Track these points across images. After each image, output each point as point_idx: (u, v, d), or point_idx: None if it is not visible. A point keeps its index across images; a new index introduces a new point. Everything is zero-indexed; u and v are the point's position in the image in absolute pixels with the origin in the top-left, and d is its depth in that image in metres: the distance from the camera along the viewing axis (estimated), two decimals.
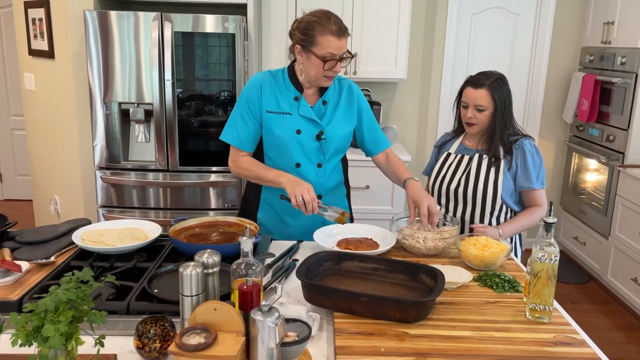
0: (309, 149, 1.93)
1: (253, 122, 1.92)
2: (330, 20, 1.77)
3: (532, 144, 2.03)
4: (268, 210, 2.04)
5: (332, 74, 1.83)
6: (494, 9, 4.11)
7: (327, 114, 1.94)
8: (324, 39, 1.76)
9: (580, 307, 3.50)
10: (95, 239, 1.71)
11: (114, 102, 3.14)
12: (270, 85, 1.92)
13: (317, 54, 1.78)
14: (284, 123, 1.90)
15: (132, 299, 1.37)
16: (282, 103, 1.91)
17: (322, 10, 1.81)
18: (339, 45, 1.77)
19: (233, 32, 3.07)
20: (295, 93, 1.92)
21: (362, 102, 2.02)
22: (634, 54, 3.38)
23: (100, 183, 3.24)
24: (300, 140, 1.91)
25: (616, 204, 3.54)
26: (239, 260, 1.19)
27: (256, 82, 1.93)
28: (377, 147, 2.07)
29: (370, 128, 2.04)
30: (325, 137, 1.92)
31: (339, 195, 2.08)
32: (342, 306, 1.37)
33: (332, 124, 1.94)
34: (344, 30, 1.79)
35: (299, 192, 1.74)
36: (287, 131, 1.90)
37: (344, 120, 1.97)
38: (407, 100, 4.15)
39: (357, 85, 2.04)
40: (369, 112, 2.04)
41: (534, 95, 4.23)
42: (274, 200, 2.00)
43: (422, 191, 1.85)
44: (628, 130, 3.45)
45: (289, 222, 2.01)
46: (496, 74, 2.02)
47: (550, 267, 1.38)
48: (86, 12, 3.03)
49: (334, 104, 1.97)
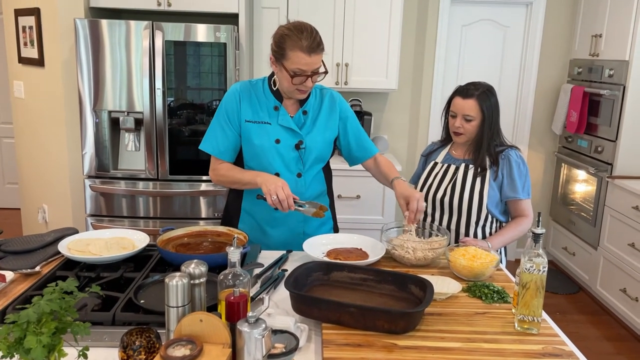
0: (288, 158, 1.92)
1: (232, 132, 1.92)
2: (302, 35, 1.73)
3: (518, 155, 2.04)
4: (249, 220, 2.03)
5: (303, 88, 1.81)
6: (484, 21, 4.15)
7: (307, 124, 1.94)
8: (293, 54, 1.73)
9: (569, 318, 3.51)
10: (82, 249, 1.69)
11: (104, 110, 3.12)
12: (249, 95, 1.92)
13: (287, 68, 1.77)
14: (263, 132, 1.90)
15: (118, 309, 1.35)
16: (261, 113, 1.91)
17: (298, 24, 1.77)
18: (309, 62, 1.74)
19: (225, 41, 3.08)
20: (274, 102, 1.91)
21: (346, 111, 2.01)
22: (622, 66, 3.42)
23: (89, 192, 3.21)
24: (280, 149, 1.90)
25: (605, 214, 3.56)
26: (226, 271, 1.18)
27: (235, 92, 1.92)
28: (366, 153, 2.05)
29: (356, 136, 2.03)
30: (305, 147, 1.92)
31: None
32: (330, 317, 1.36)
33: (312, 133, 1.93)
34: (316, 46, 1.74)
35: (273, 190, 1.73)
36: (266, 141, 1.89)
37: (324, 130, 1.96)
38: (398, 111, 4.17)
39: (340, 95, 2.03)
40: (354, 120, 2.03)
41: (523, 106, 4.26)
42: (255, 210, 2.00)
43: (411, 188, 1.88)
44: (616, 141, 3.48)
45: (269, 232, 2.00)
46: (485, 85, 2.03)
47: (538, 277, 1.38)
48: (77, 20, 3.02)
49: (314, 114, 1.96)
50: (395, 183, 1.90)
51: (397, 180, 1.91)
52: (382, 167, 2.02)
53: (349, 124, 2.01)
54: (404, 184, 1.89)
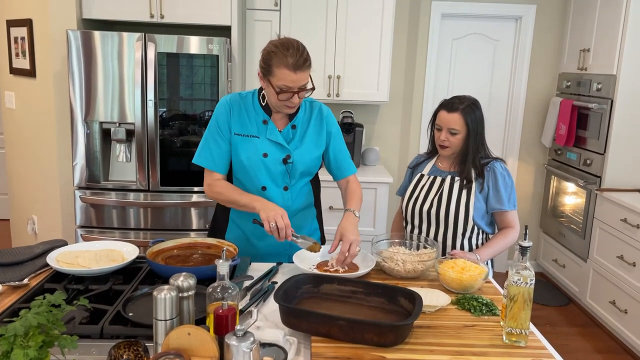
0: (276, 172, 1.92)
1: (225, 143, 1.93)
2: (288, 52, 1.72)
3: (503, 167, 2.07)
4: (236, 231, 2.03)
5: (290, 104, 1.81)
6: (474, 34, 4.20)
7: (295, 139, 1.94)
8: (279, 71, 1.74)
9: (560, 330, 3.52)
10: (71, 261, 1.69)
11: (95, 121, 3.12)
12: (239, 108, 1.93)
13: (273, 84, 1.77)
14: (251, 146, 1.90)
15: (106, 322, 1.35)
16: (250, 126, 1.92)
17: (285, 40, 1.77)
18: (295, 79, 1.74)
19: (217, 53, 3.09)
20: (263, 116, 1.92)
21: (332, 126, 2.01)
22: (609, 80, 3.47)
23: (80, 203, 3.20)
24: (267, 163, 1.91)
25: (594, 227, 3.59)
26: (214, 284, 1.18)
27: (225, 104, 1.93)
28: (342, 173, 2.04)
29: (337, 153, 2.02)
30: (292, 161, 1.92)
31: (308, 217, 2.07)
32: (319, 330, 1.36)
33: (300, 148, 1.94)
34: (302, 64, 1.73)
35: (272, 217, 1.72)
36: (254, 154, 1.90)
37: (313, 144, 1.96)
38: (389, 123, 4.20)
39: (329, 109, 2.03)
40: (338, 137, 2.03)
41: (513, 118, 4.30)
42: (242, 222, 2.01)
43: (353, 227, 1.82)
44: (604, 154, 3.52)
45: (256, 244, 2.01)
46: (469, 99, 2.06)
47: (526, 290, 1.39)
48: (69, 31, 3.03)
49: (303, 128, 1.96)
50: (345, 214, 1.87)
51: (348, 212, 1.88)
52: (347, 194, 1.99)
53: (332, 140, 2.01)
54: (351, 220, 1.85)
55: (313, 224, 2.10)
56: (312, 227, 2.09)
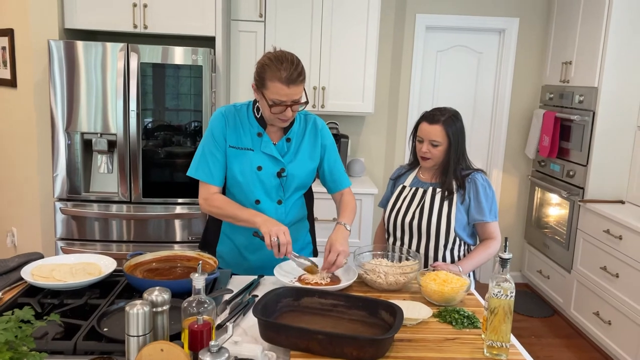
0: (270, 186, 1.90)
1: (222, 155, 1.89)
2: (282, 66, 1.71)
3: (484, 178, 2.07)
4: (228, 244, 2.01)
5: (283, 117, 1.80)
6: (458, 47, 4.24)
7: (290, 152, 1.92)
8: (272, 85, 1.73)
9: (544, 341, 3.52)
10: (46, 274, 1.65)
11: (77, 132, 3.09)
12: (234, 120, 1.91)
13: (266, 97, 1.76)
14: (245, 159, 1.88)
15: (80, 338, 1.32)
16: (245, 138, 1.90)
17: (280, 54, 1.76)
18: (288, 93, 1.73)
19: (201, 64, 3.08)
20: (258, 129, 1.90)
21: (327, 139, 2.00)
22: (591, 92, 3.51)
23: (60, 215, 3.15)
24: (261, 176, 1.89)
25: (577, 238, 3.61)
26: (190, 298, 1.15)
27: (220, 116, 1.90)
28: (336, 186, 2.03)
29: (331, 166, 2.00)
30: (287, 175, 1.91)
31: (301, 230, 2.05)
32: (298, 344, 1.34)
33: (294, 162, 1.92)
34: (296, 78, 1.72)
35: (274, 232, 1.70)
36: (248, 167, 1.88)
37: (307, 158, 1.95)
38: (374, 134, 4.20)
39: (323, 121, 2.02)
40: (332, 150, 2.01)
41: (497, 130, 4.33)
42: (234, 235, 1.98)
43: (343, 239, 1.81)
44: (587, 166, 3.55)
45: (247, 256, 1.98)
46: (450, 110, 2.07)
47: (506, 303, 1.38)
48: (51, 41, 3.00)
49: (297, 141, 1.95)
50: (336, 227, 1.87)
51: (339, 225, 1.87)
52: (341, 206, 1.98)
53: (326, 153, 1.99)
54: (342, 232, 1.84)
55: (306, 237, 2.08)
56: (305, 240, 2.07)
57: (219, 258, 2.02)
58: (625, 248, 3.08)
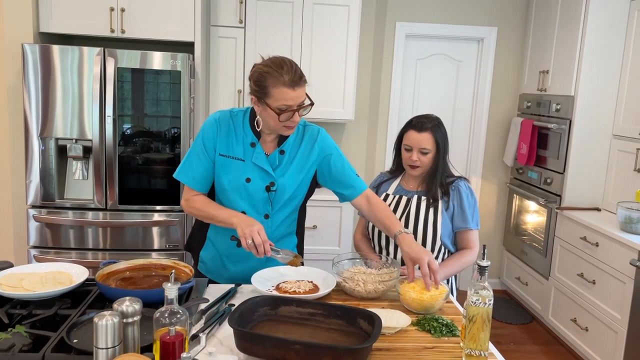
0: (257, 199, 1.85)
1: (208, 162, 1.84)
2: (283, 69, 1.67)
3: (467, 185, 2.08)
4: (211, 250, 1.97)
5: (290, 124, 1.74)
6: (438, 55, 4.27)
7: (282, 165, 1.86)
8: (277, 91, 1.67)
9: (523, 348, 3.54)
10: (15, 284, 1.60)
11: (52, 138, 3.02)
12: (227, 127, 1.85)
13: (272, 106, 1.69)
14: (234, 169, 1.83)
15: (48, 350, 1.27)
16: (237, 148, 1.84)
17: (275, 59, 1.71)
18: (294, 96, 1.68)
19: (180, 69, 3.04)
20: (252, 139, 1.84)
21: (328, 148, 1.91)
22: (568, 101, 3.56)
23: (33, 222, 3.08)
24: (249, 189, 1.83)
25: (555, 245, 3.64)
26: (162, 308, 1.12)
27: (214, 121, 1.85)
28: (354, 191, 1.94)
29: (340, 172, 1.92)
30: (276, 189, 1.85)
31: (287, 245, 1.99)
32: (275, 355, 1.31)
33: (285, 175, 1.86)
34: (299, 79, 1.68)
35: (248, 234, 1.66)
36: (236, 178, 1.83)
37: (299, 171, 1.88)
38: (354, 141, 4.20)
39: (323, 130, 1.94)
40: (338, 156, 1.92)
41: (476, 138, 4.37)
42: (219, 242, 1.94)
43: (417, 246, 1.75)
44: (564, 173, 3.59)
45: (229, 266, 1.94)
46: (435, 117, 2.07)
47: (485, 311, 1.37)
48: (25, 45, 2.94)
49: (291, 154, 1.88)
50: (400, 239, 1.78)
51: (402, 236, 1.79)
52: (380, 214, 1.90)
53: (332, 161, 1.91)
54: (410, 241, 1.77)
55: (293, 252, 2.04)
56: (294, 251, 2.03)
57: (201, 263, 1.98)
58: (602, 255, 3.11)
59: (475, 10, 4.19)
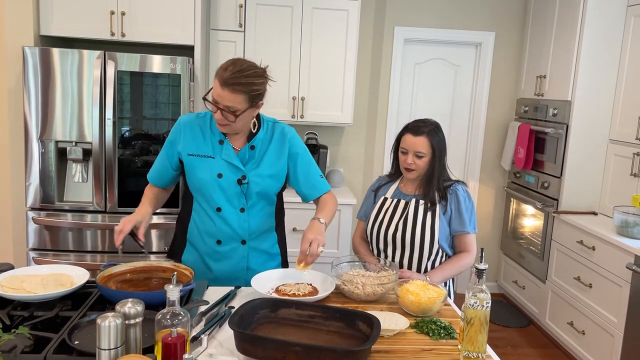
0: (231, 193, 1.90)
1: (167, 161, 1.97)
2: (227, 69, 1.74)
3: (464, 189, 2.09)
4: (192, 253, 2.00)
5: (215, 117, 1.80)
6: (436, 59, 4.30)
7: (254, 159, 1.92)
8: (214, 81, 1.77)
9: (520, 351, 3.55)
10: (16, 286, 1.61)
11: (51, 140, 3.03)
12: (193, 128, 1.93)
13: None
14: (206, 166, 1.90)
15: (50, 351, 1.28)
16: (205, 146, 1.91)
17: (241, 60, 1.80)
18: (219, 93, 1.74)
19: (179, 73, 3.06)
20: (220, 136, 1.91)
21: (296, 146, 1.98)
22: (565, 106, 3.58)
23: (32, 225, 3.08)
24: (222, 184, 1.89)
25: (552, 248, 3.66)
26: (164, 310, 1.13)
27: (178, 124, 1.96)
28: (315, 192, 2.01)
29: (306, 172, 1.99)
30: (248, 182, 1.90)
31: (266, 241, 2.02)
32: (274, 356, 1.33)
33: (257, 169, 1.91)
34: (229, 82, 1.72)
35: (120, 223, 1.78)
36: (208, 174, 1.89)
37: (271, 166, 1.93)
38: (353, 144, 4.22)
39: (292, 130, 2.01)
40: (305, 157, 2.00)
41: (474, 142, 4.39)
42: (198, 243, 1.98)
43: (315, 229, 1.80)
44: (561, 177, 3.62)
45: (211, 266, 1.97)
46: (433, 122, 2.09)
47: (482, 313, 1.39)
48: (25, 48, 2.95)
49: (262, 149, 1.94)
50: (310, 222, 1.84)
51: (313, 220, 1.85)
52: (318, 204, 1.98)
53: (298, 160, 1.98)
54: (315, 224, 1.82)
55: (273, 248, 2.06)
56: (272, 251, 2.05)
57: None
58: (598, 259, 3.13)
59: (473, 16, 4.21)
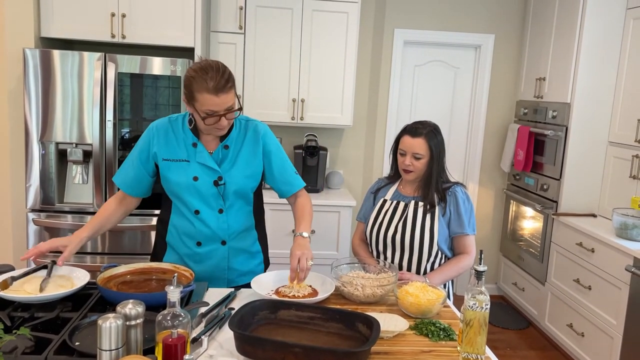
0: (208, 195, 1.89)
1: (140, 168, 1.93)
2: (208, 75, 1.68)
3: (463, 191, 2.10)
4: (173, 255, 2.00)
5: (218, 127, 1.78)
6: (436, 62, 4.31)
7: (228, 159, 1.90)
8: (201, 96, 1.70)
9: (520, 353, 3.55)
10: (17, 287, 1.62)
11: (52, 142, 3.04)
12: (166, 133, 1.90)
13: (198, 110, 1.74)
14: (181, 170, 1.88)
15: (51, 352, 1.29)
16: (179, 150, 1.89)
17: (204, 64, 1.73)
18: (218, 102, 1.71)
19: (180, 74, 3.07)
20: (193, 139, 1.89)
21: (270, 144, 1.96)
22: (564, 108, 3.59)
23: (33, 226, 3.09)
24: (198, 187, 1.88)
25: (551, 251, 3.67)
26: (164, 311, 1.14)
27: (149, 130, 1.93)
28: (290, 189, 2.00)
29: (280, 170, 1.98)
30: (224, 183, 1.89)
31: (247, 238, 2.01)
32: (274, 358, 1.33)
33: (232, 169, 1.90)
34: (224, 85, 1.69)
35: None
36: (184, 178, 1.87)
37: (246, 164, 1.92)
38: (353, 146, 4.23)
39: (265, 127, 1.98)
40: (278, 154, 1.98)
41: (473, 144, 4.40)
42: (178, 245, 1.97)
43: (301, 245, 1.80)
44: (560, 180, 3.62)
45: (192, 268, 1.95)
46: (431, 124, 2.10)
47: (481, 315, 1.39)
48: (26, 50, 2.96)
49: (236, 148, 1.92)
50: (294, 239, 1.84)
51: (296, 237, 1.85)
52: (296, 213, 1.97)
53: (273, 158, 1.96)
54: (299, 241, 1.83)
55: (254, 246, 2.04)
56: (254, 249, 2.04)
57: None
58: (597, 261, 3.14)
59: (473, 18, 4.23)
